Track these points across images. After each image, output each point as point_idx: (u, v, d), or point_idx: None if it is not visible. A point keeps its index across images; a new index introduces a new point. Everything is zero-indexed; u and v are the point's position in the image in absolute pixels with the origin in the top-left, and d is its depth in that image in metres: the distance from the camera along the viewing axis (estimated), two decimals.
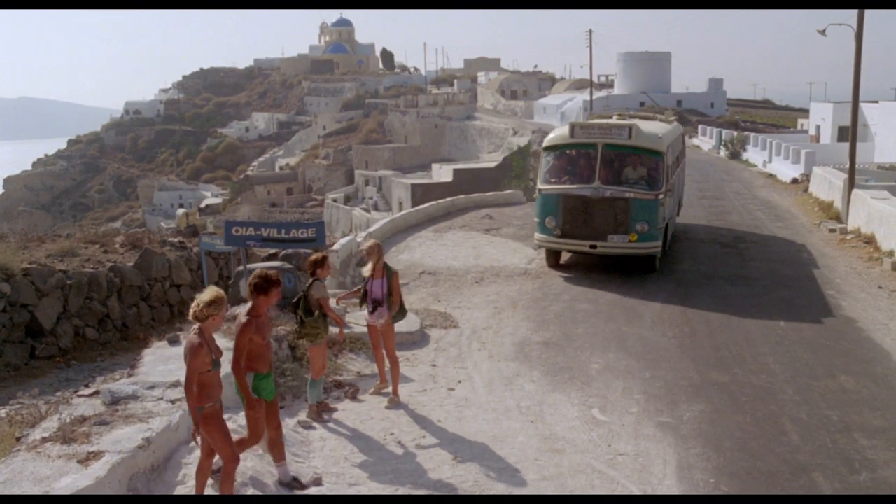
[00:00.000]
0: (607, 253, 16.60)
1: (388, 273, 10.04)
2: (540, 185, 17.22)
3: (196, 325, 6.77)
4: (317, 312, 9.35)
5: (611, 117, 20.65)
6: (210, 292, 6.81)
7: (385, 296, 9.97)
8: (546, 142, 17.96)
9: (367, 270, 10.18)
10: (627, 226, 16.04)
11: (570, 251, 17.57)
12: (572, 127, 17.28)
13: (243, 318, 7.37)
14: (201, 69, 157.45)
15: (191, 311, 6.76)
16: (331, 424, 9.56)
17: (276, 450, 7.78)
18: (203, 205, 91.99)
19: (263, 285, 7.49)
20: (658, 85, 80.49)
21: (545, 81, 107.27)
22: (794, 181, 34.74)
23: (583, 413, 9.81)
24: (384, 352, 10.37)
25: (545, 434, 9.22)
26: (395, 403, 10.13)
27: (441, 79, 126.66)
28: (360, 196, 75.04)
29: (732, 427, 9.48)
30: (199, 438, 6.76)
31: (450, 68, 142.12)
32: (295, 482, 7.80)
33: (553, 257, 17.86)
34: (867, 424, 9.55)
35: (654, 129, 18.24)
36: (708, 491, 7.93)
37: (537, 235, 17.27)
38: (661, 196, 16.37)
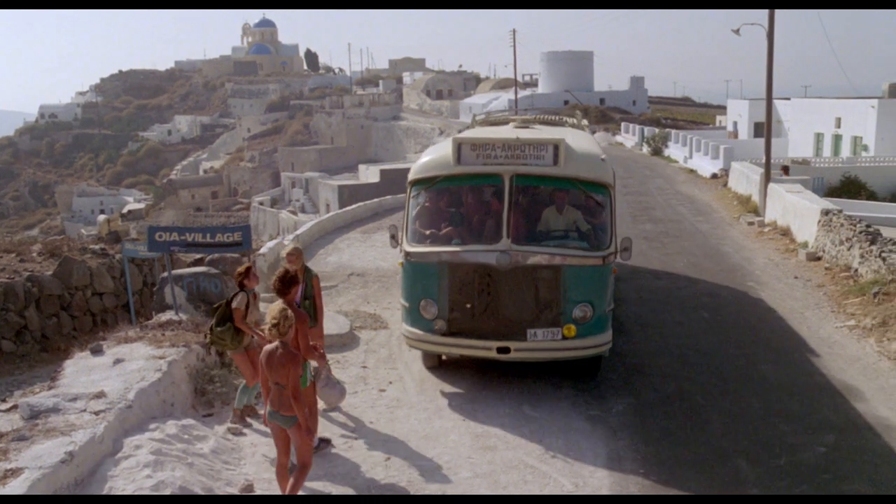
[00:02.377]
0: (528, 359, 10.32)
1: (308, 277, 9.91)
2: (407, 246, 10.51)
3: (277, 341, 7.07)
4: (228, 323, 9.23)
5: (506, 123, 13.81)
6: (279, 308, 7.14)
7: (302, 299, 9.83)
8: (415, 172, 10.82)
9: None
10: (560, 312, 9.82)
11: (463, 356, 10.80)
12: (459, 146, 10.27)
13: (290, 311, 7.34)
14: (120, 71, 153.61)
15: (272, 332, 7.06)
16: (262, 429, 9.44)
17: None
18: (125, 210, 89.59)
19: (295, 277, 7.97)
20: (581, 83, 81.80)
21: (470, 81, 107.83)
22: (714, 176, 35.70)
23: (514, 409, 9.90)
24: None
25: (477, 432, 9.27)
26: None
27: (366, 79, 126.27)
28: (287, 198, 74.24)
29: (659, 418, 9.69)
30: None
31: (375, 69, 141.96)
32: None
33: (434, 357, 11.21)
34: (786, 410, 9.87)
35: (586, 144, 11.61)
36: (638, 480, 8.09)
37: (407, 329, 10.59)
38: (610, 257, 10.20)
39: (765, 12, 24.75)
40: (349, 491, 7.95)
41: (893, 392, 10.46)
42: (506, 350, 9.93)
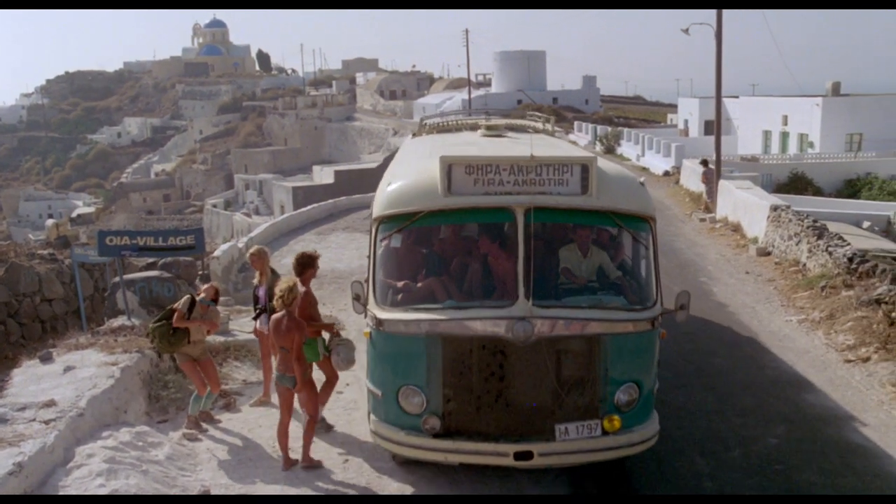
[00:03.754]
0: (558, 465, 7.77)
1: (274, 278, 9.85)
2: (378, 310, 7.64)
3: (284, 311, 7.96)
4: (164, 321, 9.21)
5: (476, 129, 11.36)
6: (286, 281, 8.07)
7: (268, 301, 9.79)
8: (385, 204, 7.84)
9: (256, 278, 10.06)
10: (599, 398, 7.35)
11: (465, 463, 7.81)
12: (449, 169, 7.44)
13: (297, 285, 8.18)
14: (67, 73, 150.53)
15: (278, 303, 7.94)
16: (218, 435, 9.35)
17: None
18: (74, 214, 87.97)
19: (311, 261, 8.95)
20: (534, 83, 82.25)
21: (424, 81, 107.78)
22: (666, 174, 36.18)
23: None
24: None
25: None
26: (260, 401, 10.26)
27: (319, 80, 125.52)
28: (241, 201, 73.48)
29: None
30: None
31: (328, 69, 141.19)
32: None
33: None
34: (739, 403, 10.05)
35: (607, 163, 8.42)
36: (594, 475, 8.15)
37: (379, 427, 7.76)
38: (659, 318, 7.67)
39: (713, 12, 25.17)
40: (307, 493, 7.90)
41: (841, 383, 10.71)
42: (527, 455, 7.28)
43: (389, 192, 7.80)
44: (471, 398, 7.29)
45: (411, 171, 8.23)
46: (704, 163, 26.25)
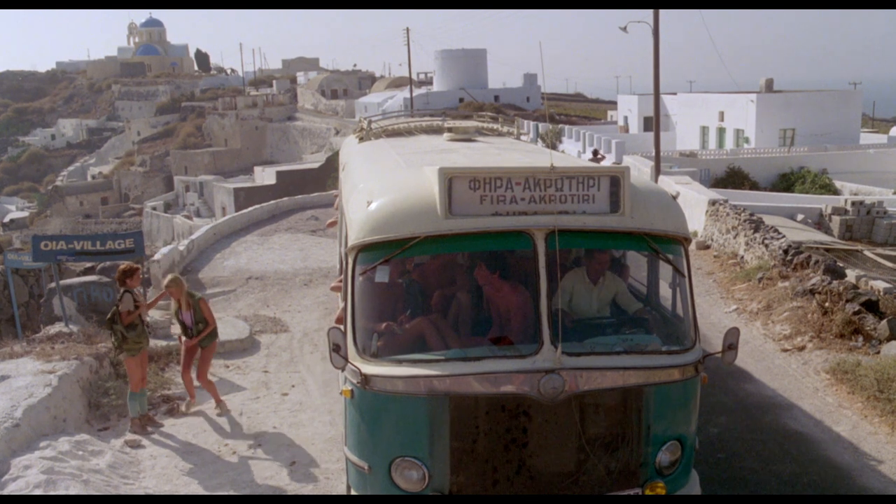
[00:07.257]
0: None
1: (194, 302, 9.78)
2: (364, 364, 5.90)
3: None
4: (139, 326, 9.14)
5: (439, 132, 11.04)
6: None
7: (194, 324, 9.74)
8: (368, 228, 6.05)
9: (173, 305, 9.97)
10: (640, 462, 6.03)
11: None
12: (450, 183, 5.84)
13: None
14: None
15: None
16: (161, 440, 9.20)
17: None
18: (7, 219, 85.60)
19: None
20: (475, 81, 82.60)
21: (365, 80, 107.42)
22: None
23: None
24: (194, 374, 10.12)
25: None
26: (225, 410, 9.96)
27: (259, 80, 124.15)
28: (181, 203, 72.39)
29: None
30: None
31: (268, 69, 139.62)
32: None
33: None
34: None
35: (635, 178, 6.40)
36: None
37: None
38: (703, 360, 6.44)
39: (650, 11, 25.59)
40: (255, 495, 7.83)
41: (778, 372, 10.99)
42: None
43: (373, 212, 6.05)
44: (486, 470, 5.79)
45: (395, 186, 6.45)
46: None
